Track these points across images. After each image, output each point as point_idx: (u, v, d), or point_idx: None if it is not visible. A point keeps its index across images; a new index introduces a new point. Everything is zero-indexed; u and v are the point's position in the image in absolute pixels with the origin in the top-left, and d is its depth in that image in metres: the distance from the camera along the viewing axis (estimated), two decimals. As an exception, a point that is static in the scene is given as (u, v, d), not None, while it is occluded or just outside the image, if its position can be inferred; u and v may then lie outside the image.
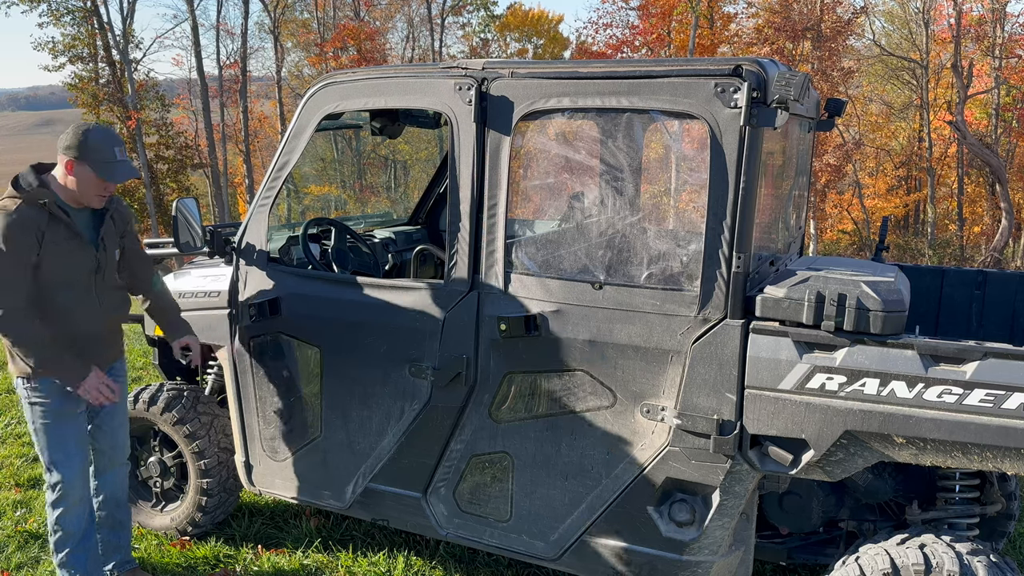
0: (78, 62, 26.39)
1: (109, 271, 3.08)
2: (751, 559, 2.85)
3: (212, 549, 3.72)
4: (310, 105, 3.17)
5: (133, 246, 3.25)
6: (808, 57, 19.79)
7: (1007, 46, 22.17)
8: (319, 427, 3.32)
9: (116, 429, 3.25)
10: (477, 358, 2.92)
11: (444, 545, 3.73)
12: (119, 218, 3.15)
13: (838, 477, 2.56)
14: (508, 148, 2.79)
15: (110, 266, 3.08)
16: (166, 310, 3.37)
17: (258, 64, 62.05)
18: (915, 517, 2.81)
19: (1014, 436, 2.23)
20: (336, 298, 3.19)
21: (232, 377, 3.48)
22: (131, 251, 3.23)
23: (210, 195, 27.87)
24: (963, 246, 23.16)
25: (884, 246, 3.75)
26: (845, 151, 20.70)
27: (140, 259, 3.28)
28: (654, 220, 4.76)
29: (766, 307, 2.50)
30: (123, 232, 3.18)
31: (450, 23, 31.61)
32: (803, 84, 2.40)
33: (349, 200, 22.42)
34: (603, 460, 2.80)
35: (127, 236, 3.21)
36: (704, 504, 2.70)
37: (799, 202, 3.56)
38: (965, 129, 18.08)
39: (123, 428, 3.30)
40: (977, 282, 3.57)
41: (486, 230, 2.86)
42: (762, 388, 2.51)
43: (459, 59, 3.83)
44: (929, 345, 2.32)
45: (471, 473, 3.04)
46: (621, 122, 2.71)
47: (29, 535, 3.87)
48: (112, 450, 3.26)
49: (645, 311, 2.65)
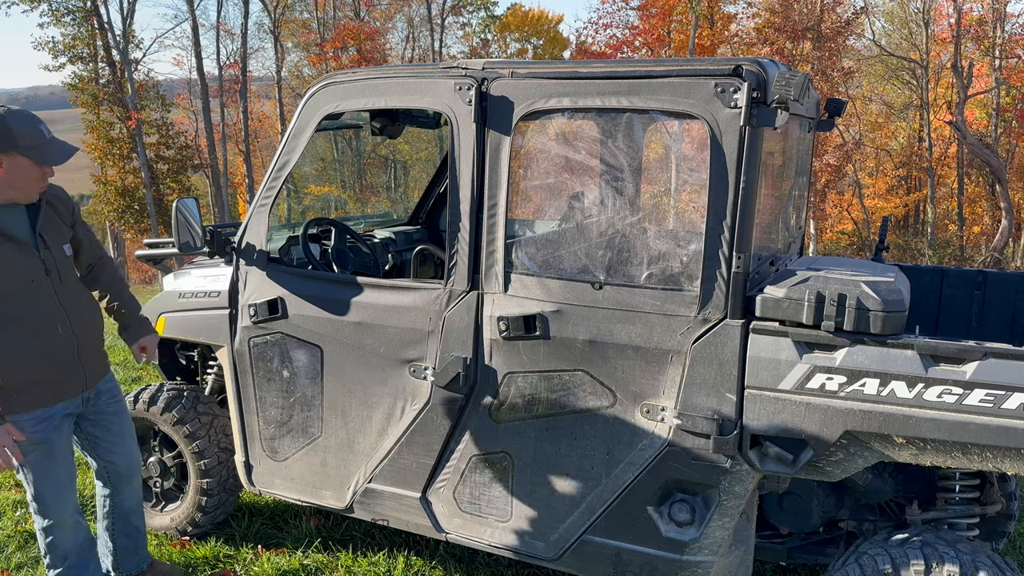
0: (78, 62, 26.38)
1: (65, 271, 2.72)
2: (751, 559, 2.85)
3: (212, 549, 3.72)
4: (310, 105, 3.17)
5: (88, 235, 2.94)
6: (808, 57, 19.79)
7: (1007, 46, 22.17)
8: (319, 427, 3.32)
9: (119, 443, 3.08)
10: (477, 358, 2.92)
11: (444, 545, 3.73)
12: (61, 206, 2.76)
13: (838, 477, 2.56)
14: (508, 148, 2.79)
15: (64, 265, 2.71)
16: (124, 307, 3.06)
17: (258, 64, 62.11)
18: (915, 517, 2.81)
19: (1014, 436, 2.23)
20: (336, 298, 3.19)
21: (232, 377, 3.48)
22: (88, 241, 2.91)
23: (210, 195, 27.89)
24: (963, 246, 23.16)
25: (884, 246, 3.75)
26: (845, 151, 20.71)
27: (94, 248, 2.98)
28: (654, 220, 4.76)
29: (766, 307, 2.50)
30: (72, 222, 2.81)
31: (450, 23, 31.64)
32: (803, 84, 2.40)
33: (349, 200, 22.41)
34: (603, 460, 2.80)
35: (77, 225, 2.86)
36: (704, 504, 2.70)
37: (799, 202, 3.56)
38: (965, 129, 18.08)
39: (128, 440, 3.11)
40: (977, 282, 3.57)
41: (486, 230, 2.86)
42: (762, 388, 2.51)
43: (459, 59, 3.83)
44: (929, 345, 2.32)
45: (471, 473, 3.04)
46: (621, 122, 2.71)
47: (29, 535, 3.87)
48: (121, 466, 3.13)
49: (645, 311, 2.65)
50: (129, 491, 3.22)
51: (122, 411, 3.12)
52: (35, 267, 2.59)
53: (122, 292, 3.09)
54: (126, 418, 3.14)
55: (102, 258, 3.05)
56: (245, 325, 3.39)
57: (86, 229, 2.94)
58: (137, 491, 3.27)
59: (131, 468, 3.17)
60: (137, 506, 3.29)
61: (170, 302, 3.68)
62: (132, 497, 3.25)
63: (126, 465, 3.14)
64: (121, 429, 3.09)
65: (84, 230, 2.92)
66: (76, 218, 2.86)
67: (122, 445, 3.10)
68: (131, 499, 3.25)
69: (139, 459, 3.23)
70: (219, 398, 3.95)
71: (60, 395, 2.76)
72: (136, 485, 3.26)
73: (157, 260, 4.05)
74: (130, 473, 3.18)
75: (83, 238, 2.89)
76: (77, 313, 2.75)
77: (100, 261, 3.04)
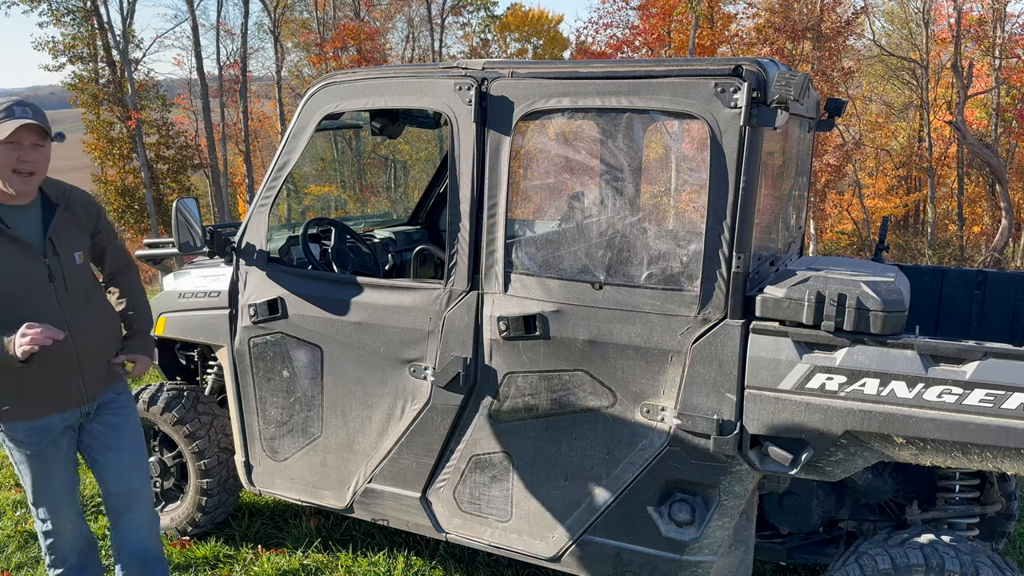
0: (78, 62, 26.38)
1: (73, 279, 2.56)
2: (751, 559, 2.85)
3: (212, 549, 3.72)
4: (310, 105, 3.17)
5: (112, 243, 2.81)
6: (808, 57, 19.78)
7: (1007, 46, 22.16)
8: (319, 427, 3.32)
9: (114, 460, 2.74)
10: (477, 358, 2.92)
11: (444, 545, 3.73)
12: (82, 212, 2.64)
13: (838, 477, 2.56)
14: (508, 148, 2.79)
15: (72, 273, 2.56)
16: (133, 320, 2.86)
17: (258, 64, 62.09)
18: (915, 517, 2.82)
19: (1014, 436, 2.23)
20: (336, 298, 3.19)
21: (232, 377, 3.48)
22: (112, 249, 2.80)
23: (210, 195, 27.87)
24: (963, 246, 23.15)
25: (884, 246, 3.75)
26: (845, 151, 20.70)
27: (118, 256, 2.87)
28: (654, 220, 4.76)
29: (766, 307, 2.50)
30: (94, 229, 2.69)
31: (450, 23, 31.62)
32: (803, 84, 2.40)
33: (349, 200, 22.41)
34: (603, 460, 2.80)
35: (102, 234, 2.74)
36: (704, 504, 2.70)
37: (799, 202, 3.56)
38: (965, 129, 18.08)
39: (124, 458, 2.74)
40: (977, 282, 3.57)
41: (486, 230, 2.86)
42: (762, 388, 2.51)
43: (459, 59, 3.83)
44: (929, 345, 2.32)
45: (471, 473, 3.04)
46: (621, 122, 2.71)
47: (29, 535, 3.87)
48: (112, 487, 2.76)
49: (645, 311, 2.65)
50: (128, 522, 2.80)
51: (122, 426, 2.76)
52: (38, 272, 2.48)
53: (136, 304, 2.88)
54: (126, 434, 2.76)
55: (125, 267, 2.91)
56: (245, 325, 3.39)
57: (111, 237, 2.82)
58: (147, 530, 2.84)
59: (127, 491, 2.75)
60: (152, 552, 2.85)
61: (170, 302, 3.68)
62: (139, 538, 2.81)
63: (119, 487, 2.74)
64: (117, 444, 2.73)
65: (109, 238, 2.80)
66: (101, 225, 2.73)
67: (116, 462, 2.72)
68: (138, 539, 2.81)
69: (142, 485, 2.79)
70: (219, 398, 3.95)
71: (57, 406, 2.59)
72: (139, 517, 2.81)
73: (157, 260, 4.05)
74: (127, 498, 2.76)
75: (106, 246, 2.78)
76: (82, 322, 2.59)
77: (122, 270, 2.90)
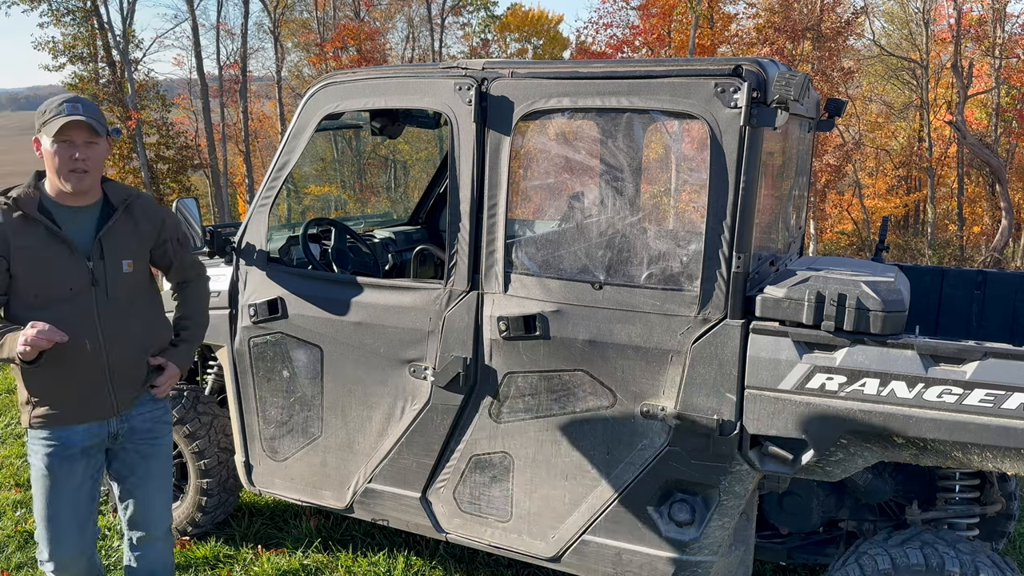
0: (78, 62, 26.36)
1: (116, 286, 2.45)
2: (751, 559, 2.85)
3: (212, 549, 3.73)
4: (310, 105, 3.17)
5: (180, 254, 2.70)
6: (808, 57, 19.77)
7: (1007, 46, 22.15)
8: (319, 427, 3.32)
9: (151, 496, 2.67)
10: (477, 358, 2.92)
11: (444, 545, 3.73)
12: (143, 218, 2.54)
13: (838, 477, 2.56)
14: (508, 148, 2.79)
15: (117, 280, 2.45)
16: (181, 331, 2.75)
17: (258, 64, 61.99)
18: (915, 517, 2.82)
19: (1014, 436, 2.23)
20: (336, 298, 3.19)
21: (232, 377, 3.48)
22: (179, 260, 2.69)
23: (210, 195, 27.86)
24: (963, 246, 23.14)
25: (884, 246, 3.75)
26: (845, 151, 20.69)
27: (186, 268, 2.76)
28: (654, 220, 4.76)
29: (766, 307, 2.50)
30: (158, 239, 2.59)
31: (450, 23, 31.60)
32: (803, 84, 2.40)
33: (349, 200, 22.41)
34: (603, 460, 2.80)
35: (168, 244, 2.63)
36: (704, 504, 2.70)
37: (799, 202, 3.56)
38: (965, 129, 18.08)
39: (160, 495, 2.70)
40: (977, 282, 3.57)
41: (486, 230, 2.86)
42: (762, 388, 2.51)
43: (459, 59, 3.83)
44: (929, 345, 2.32)
45: (471, 473, 3.04)
46: (621, 122, 2.71)
47: (29, 535, 3.87)
48: (146, 522, 2.69)
49: (645, 311, 2.65)
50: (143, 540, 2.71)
51: (153, 456, 2.66)
52: (81, 276, 2.39)
53: (192, 314, 2.78)
54: (156, 465, 2.67)
55: (190, 281, 2.79)
56: (245, 325, 3.39)
57: (180, 246, 2.70)
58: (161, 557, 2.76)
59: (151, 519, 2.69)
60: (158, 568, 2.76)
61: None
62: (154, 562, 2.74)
63: (142, 517, 2.68)
64: (146, 473, 2.64)
65: (177, 247, 2.68)
66: (168, 233, 2.62)
67: (143, 491, 2.65)
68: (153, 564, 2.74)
69: (164, 510, 2.73)
70: (219, 398, 3.95)
71: (80, 415, 2.47)
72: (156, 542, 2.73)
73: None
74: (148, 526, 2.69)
75: (172, 256, 2.67)
76: (118, 331, 2.47)
77: (188, 283, 2.79)
